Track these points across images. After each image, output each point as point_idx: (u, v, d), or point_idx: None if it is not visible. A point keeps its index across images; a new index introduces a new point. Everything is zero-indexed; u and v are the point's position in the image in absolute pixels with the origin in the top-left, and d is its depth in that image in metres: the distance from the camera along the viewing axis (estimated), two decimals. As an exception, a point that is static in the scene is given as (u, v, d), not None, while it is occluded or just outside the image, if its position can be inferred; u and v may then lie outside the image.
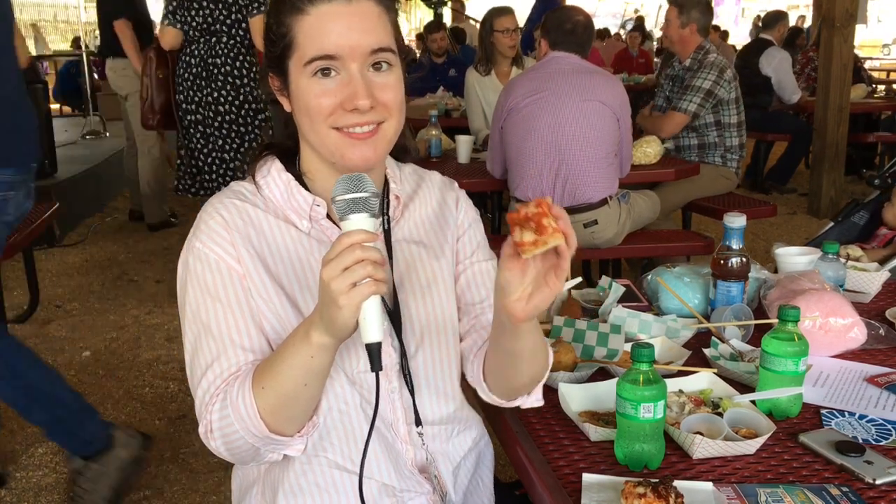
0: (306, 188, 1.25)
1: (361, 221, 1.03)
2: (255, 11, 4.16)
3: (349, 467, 1.23)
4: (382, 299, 1.23)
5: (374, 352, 1.05)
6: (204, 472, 2.80)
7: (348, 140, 1.16)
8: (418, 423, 1.27)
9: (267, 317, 1.19)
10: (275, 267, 1.21)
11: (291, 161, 1.27)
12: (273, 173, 1.26)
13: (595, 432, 1.34)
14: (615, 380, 1.32)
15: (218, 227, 1.20)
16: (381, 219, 1.27)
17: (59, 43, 19.04)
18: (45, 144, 5.95)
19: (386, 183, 1.30)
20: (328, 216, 1.24)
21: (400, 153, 1.35)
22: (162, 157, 5.83)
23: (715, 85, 4.26)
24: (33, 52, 12.88)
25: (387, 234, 1.28)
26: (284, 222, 1.23)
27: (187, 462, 2.88)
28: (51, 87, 9.14)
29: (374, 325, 1.03)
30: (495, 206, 4.25)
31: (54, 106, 9.83)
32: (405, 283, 1.28)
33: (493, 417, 1.46)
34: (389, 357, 1.25)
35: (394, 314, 1.25)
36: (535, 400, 1.31)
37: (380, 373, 1.22)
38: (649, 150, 3.96)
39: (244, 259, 1.19)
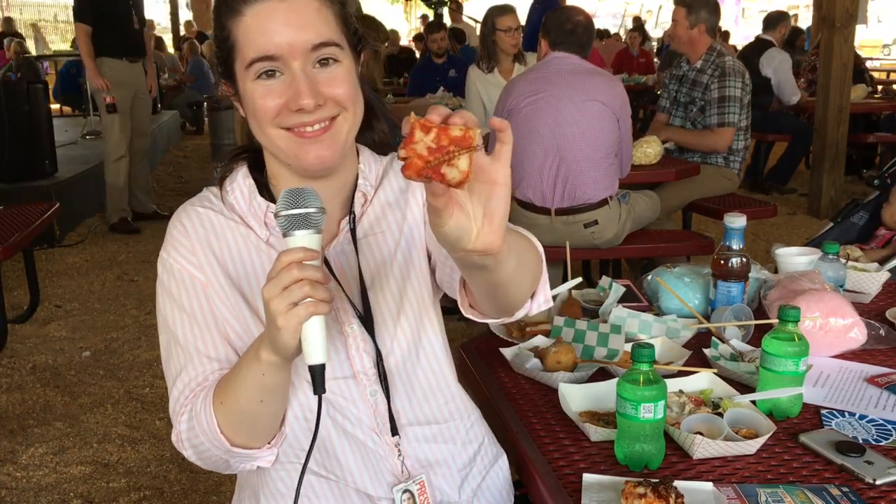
0: (270, 192, 1.22)
1: (302, 239, 0.99)
2: None
3: (323, 473, 1.22)
4: (352, 306, 1.21)
5: (316, 374, 1.01)
6: (204, 472, 2.80)
7: (300, 140, 1.12)
8: (394, 431, 1.23)
9: (231, 324, 1.19)
10: (235, 274, 1.20)
11: (262, 164, 1.24)
12: (238, 178, 1.24)
13: (595, 432, 1.34)
14: (615, 380, 1.32)
15: (179, 235, 1.21)
16: (351, 215, 1.23)
17: (59, 43, 19.06)
18: (46, 144, 5.97)
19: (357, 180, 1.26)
20: None
21: (373, 146, 1.31)
22: (127, 156, 5.96)
23: (742, 92, 4.27)
24: (33, 52, 12.89)
25: (353, 233, 1.24)
26: (246, 228, 1.22)
27: (187, 462, 2.85)
28: (51, 87, 9.13)
29: (315, 347, 0.99)
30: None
31: (54, 106, 9.82)
32: (376, 281, 1.24)
33: (494, 417, 1.46)
34: (363, 362, 1.22)
35: (366, 318, 1.22)
36: (543, 302, 1.14)
37: (352, 380, 1.20)
38: (649, 150, 3.96)
39: (205, 267, 1.19)
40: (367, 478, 1.23)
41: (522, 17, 5.04)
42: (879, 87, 9.51)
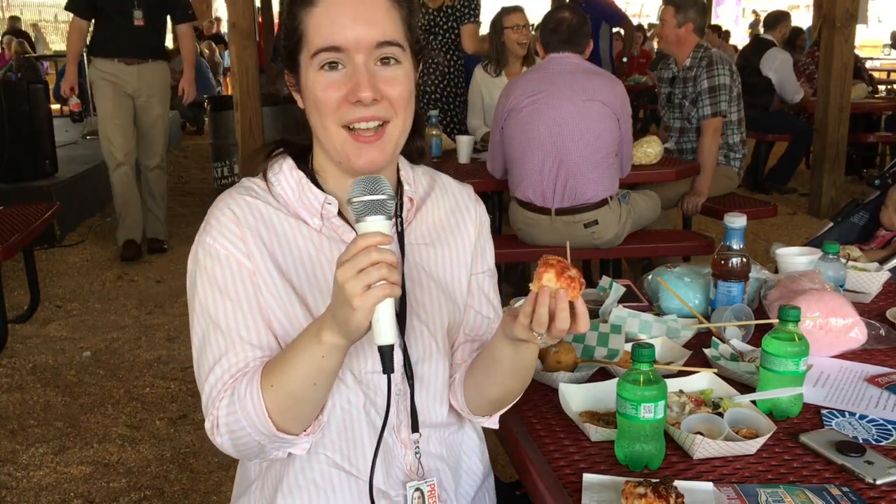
0: (318, 186, 1.24)
1: (378, 223, 1.03)
2: (467, 21, 5.08)
3: (346, 467, 1.22)
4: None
5: (386, 354, 1.05)
6: (204, 472, 2.80)
7: (355, 143, 1.16)
8: (415, 428, 1.26)
9: (276, 313, 1.19)
10: (285, 263, 1.20)
11: (303, 159, 1.27)
12: (284, 170, 1.25)
13: (595, 432, 1.34)
14: (615, 380, 1.32)
15: (229, 222, 1.20)
16: (395, 221, 1.26)
17: (59, 43, 19.04)
18: (46, 144, 5.96)
19: (399, 184, 1.30)
20: (339, 214, 1.24)
21: (414, 155, 1.34)
22: (128, 164, 5.19)
23: (732, 80, 4.26)
24: (34, 52, 12.87)
25: (400, 236, 1.27)
26: (296, 219, 1.23)
27: (187, 462, 2.88)
28: (51, 87, 9.12)
29: (387, 328, 1.03)
30: (495, 206, 4.24)
31: (54, 106, 9.81)
32: (415, 287, 1.27)
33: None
34: (396, 360, 1.23)
35: (401, 316, 1.24)
36: (493, 422, 1.33)
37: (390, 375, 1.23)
38: (649, 150, 3.96)
39: (254, 255, 1.19)
40: (380, 473, 1.24)
41: (532, 18, 5.06)
42: (881, 88, 9.50)
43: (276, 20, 9.61)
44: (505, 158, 3.56)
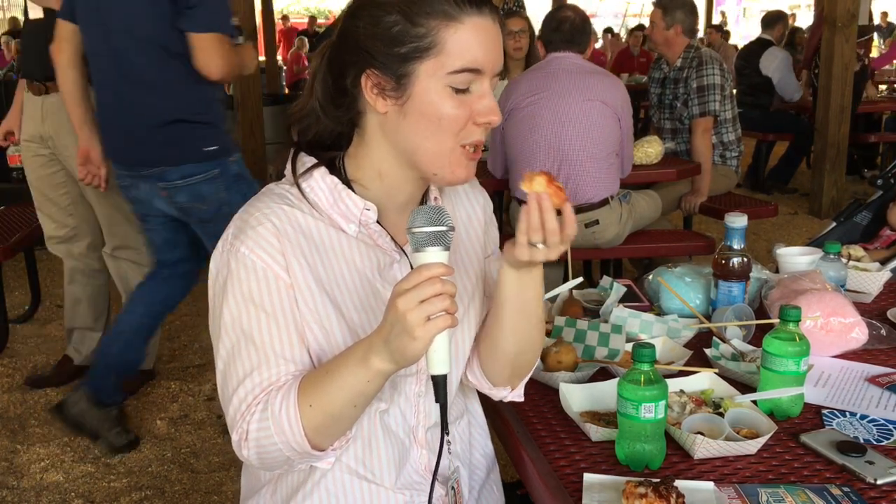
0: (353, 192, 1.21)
1: (437, 255, 1.02)
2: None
3: (360, 471, 1.22)
4: None
5: (439, 384, 1.05)
6: (205, 472, 2.80)
7: (466, 160, 1.16)
8: (447, 430, 1.22)
9: (311, 327, 1.17)
10: (325, 274, 1.18)
11: (329, 164, 1.23)
12: (315, 177, 1.21)
13: (596, 432, 1.34)
14: (616, 380, 1.32)
15: (268, 234, 1.16)
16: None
17: (60, 43, 18.99)
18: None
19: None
20: (377, 221, 1.21)
21: None
22: (83, 254, 3.41)
23: (722, 79, 4.25)
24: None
25: None
26: (333, 228, 1.20)
27: (188, 462, 2.88)
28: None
29: (443, 358, 1.04)
30: (496, 205, 4.25)
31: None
32: None
33: (495, 416, 1.46)
34: (421, 360, 1.21)
35: None
36: (517, 395, 1.34)
37: (412, 378, 1.22)
38: (650, 150, 3.95)
39: (293, 269, 1.16)
40: (394, 475, 1.23)
41: (536, 24, 5.03)
42: (882, 87, 9.49)
43: (276, 20, 9.61)
44: (505, 158, 3.56)
